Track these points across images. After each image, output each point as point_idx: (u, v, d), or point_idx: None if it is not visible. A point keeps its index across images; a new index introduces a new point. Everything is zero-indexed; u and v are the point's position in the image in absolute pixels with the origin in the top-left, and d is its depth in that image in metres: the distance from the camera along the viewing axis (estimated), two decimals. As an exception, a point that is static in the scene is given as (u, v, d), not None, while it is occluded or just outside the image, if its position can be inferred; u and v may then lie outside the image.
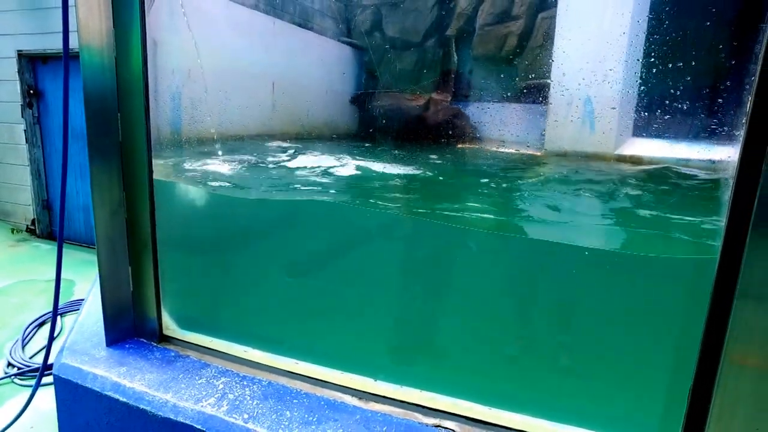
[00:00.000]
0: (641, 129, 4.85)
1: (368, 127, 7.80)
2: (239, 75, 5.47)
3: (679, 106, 4.14)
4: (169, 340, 1.96)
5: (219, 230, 2.28)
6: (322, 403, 1.56)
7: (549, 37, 5.54)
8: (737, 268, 1.03)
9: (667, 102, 4.37)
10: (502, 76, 7.06)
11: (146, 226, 1.86)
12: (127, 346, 1.90)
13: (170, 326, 2.01)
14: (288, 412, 1.51)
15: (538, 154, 5.32)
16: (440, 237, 2.02)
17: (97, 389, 1.65)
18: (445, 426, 1.46)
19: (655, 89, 4.55)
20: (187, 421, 1.49)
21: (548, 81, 5.04)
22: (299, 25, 7.04)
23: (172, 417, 1.52)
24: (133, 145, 1.81)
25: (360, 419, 1.49)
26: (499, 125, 6.64)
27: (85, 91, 1.71)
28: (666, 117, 4.45)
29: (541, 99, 5.41)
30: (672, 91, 4.21)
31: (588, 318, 1.68)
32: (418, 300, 1.93)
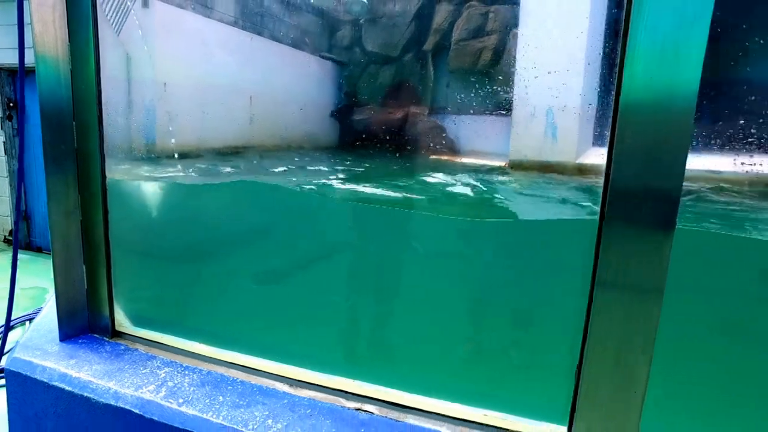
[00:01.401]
0: (602, 138, 5.06)
1: (348, 140, 7.98)
2: (215, 89, 5.63)
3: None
4: (121, 335, 2.06)
5: (172, 236, 2.40)
6: (255, 389, 1.67)
7: (514, 50, 5.78)
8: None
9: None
10: (476, 89, 7.29)
11: (99, 227, 1.98)
12: (80, 341, 2.00)
13: (123, 323, 2.11)
14: (221, 397, 1.62)
15: (503, 164, 5.51)
16: (370, 233, 2.15)
17: (46, 380, 1.75)
18: (365, 409, 1.58)
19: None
20: (126, 406, 1.60)
21: (513, 94, 5.24)
22: (278, 41, 7.25)
23: (112, 403, 1.62)
24: (88, 152, 1.93)
25: (287, 403, 1.60)
26: (473, 137, 6.85)
27: (41, 100, 1.84)
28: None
29: (510, 111, 5.62)
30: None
31: (500, 308, 1.81)
32: (347, 295, 2.05)
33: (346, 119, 8.22)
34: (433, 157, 6.88)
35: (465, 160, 6.58)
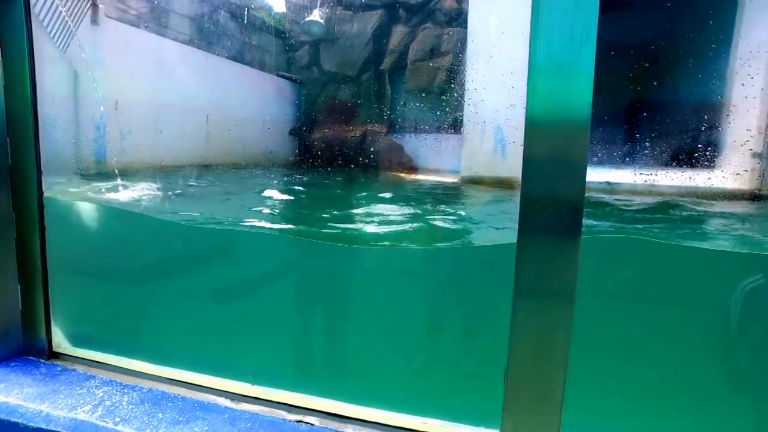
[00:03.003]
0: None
1: (307, 157, 8.01)
2: (170, 108, 5.55)
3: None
4: (58, 356, 2.00)
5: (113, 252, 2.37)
6: (195, 405, 1.66)
7: (463, 71, 6.01)
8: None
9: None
10: (431, 107, 7.48)
11: (36, 245, 1.93)
12: (12, 364, 1.93)
13: (62, 344, 2.05)
14: (160, 414, 1.60)
15: (455, 180, 5.66)
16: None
17: (-28, 406, 1.68)
18: (306, 421, 1.59)
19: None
20: (59, 429, 1.55)
21: (463, 112, 5.42)
22: (236, 60, 7.24)
23: (43, 426, 1.57)
24: (23, 169, 1.90)
25: (228, 418, 1.59)
26: (429, 154, 7.01)
27: (-28, 116, 1.80)
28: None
29: (461, 129, 5.80)
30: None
31: (437, 320, 1.87)
32: (285, 311, 2.07)
33: (304, 137, 8.24)
34: (391, 173, 6.99)
35: (420, 176, 6.73)
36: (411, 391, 1.79)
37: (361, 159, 6.71)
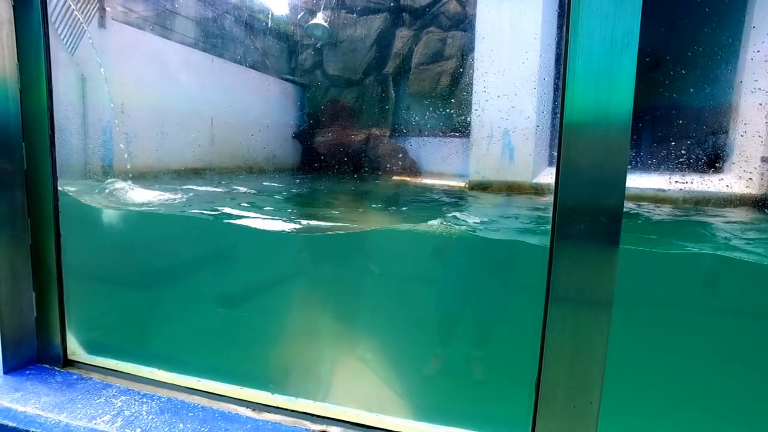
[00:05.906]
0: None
1: (310, 161, 7.98)
2: (174, 111, 5.51)
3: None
4: (73, 364, 1.97)
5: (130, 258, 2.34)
6: (217, 415, 1.63)
7: (471, 75, 6.00)
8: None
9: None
10: (436, 111, 7.47)
11: (51, 251, 1.90)
12: (27, 372, 1.90)
13: (77, 351, 2.02)
14: (181, 425, 1.57)
15: (462, 184, 5.65)
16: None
17: (-13, 415, 1.65)
18: (330, 431, 1.56)
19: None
20: (79, 439, 1.52)
21: (471, 116, 5.41)
22: (239, 63, 7.22)
23: (63, 436, 1.54)
24: (39, 174, 1.87)
25: (250, 428, 1.57)
26: (434, 158, 7.00)
27: (-13, 121, 1.78)
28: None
29: (469, 133, 5.78)
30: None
31: (458, 327, 1.85)
32: (308, 318, 2.05)
33: (307, 141, 8.23)
34: (395, 178, 6.97)
35: (426, 181, 6.70)
36: (434, 398, 1.76)
37: (363, 163, 6.68)
